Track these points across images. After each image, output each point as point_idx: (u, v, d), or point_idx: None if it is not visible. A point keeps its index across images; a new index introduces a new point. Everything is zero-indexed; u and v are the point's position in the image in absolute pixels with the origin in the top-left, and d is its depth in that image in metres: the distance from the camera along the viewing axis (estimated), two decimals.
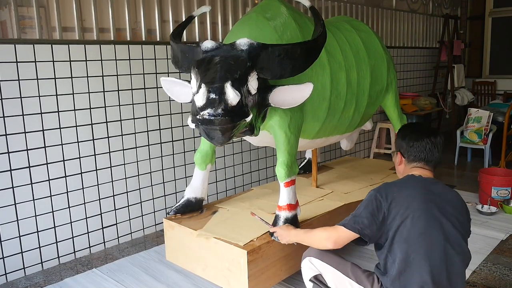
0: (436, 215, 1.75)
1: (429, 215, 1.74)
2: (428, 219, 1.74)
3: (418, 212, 1.74)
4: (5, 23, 2.69)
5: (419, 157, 1.92)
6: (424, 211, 1.74)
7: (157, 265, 2.89)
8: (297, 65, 2.15)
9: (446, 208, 1.79)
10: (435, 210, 1.76)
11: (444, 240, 1.73)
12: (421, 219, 1.73)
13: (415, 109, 5.61)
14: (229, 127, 1.91)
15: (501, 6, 7.05)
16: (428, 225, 1.73)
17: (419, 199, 1.77)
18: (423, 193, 1.80)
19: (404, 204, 1.76)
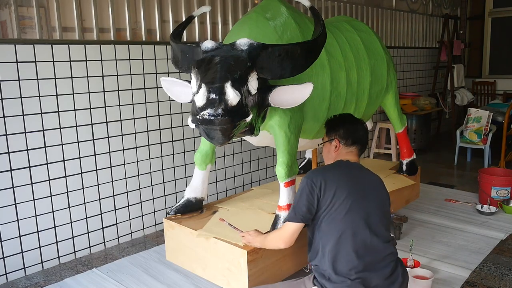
0: (360, 196, 1.94)
1: (354, 196, 1.92)
2: (354, 200, 1.91)
3: (345, 194, 1.91)
4: (5, 23, 2.69)
5: (357, 139, 2.13)
6: (350, 193, 1.92)
7: (157, 265, 2.89)
8: (297, 65, 2.15)
9: (369, 190, 1.99)
10: (360, 192, 1.95)
11: (365, 220, 1.91)
12: (347, 200, 1.90)
13: (415, 109, 5.61)
14: (229, 127, 1.91)
15: (500, 6, 7.05)
16: (353, 206, 1.90)
17: (345, 182, 1.95)
18: (349, 177, 1.99)
19: (333, 187, 1.92)
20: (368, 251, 1.89)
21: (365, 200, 1.95)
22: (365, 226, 1.90)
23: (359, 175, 2.04)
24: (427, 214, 3.62)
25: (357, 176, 2.02)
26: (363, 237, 1.89)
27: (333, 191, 1.91)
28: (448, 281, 2.58)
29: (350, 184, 1.95)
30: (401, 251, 2.90)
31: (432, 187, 4.36)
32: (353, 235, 1.88)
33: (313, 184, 1.93)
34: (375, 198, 2.00)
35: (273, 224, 2.39)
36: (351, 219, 1.89)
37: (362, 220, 1.91)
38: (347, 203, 1.90)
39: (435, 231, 3.28)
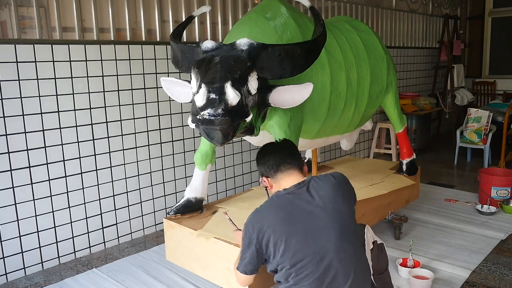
0: (306, 228, 1.72)
1: (298, 232, 1.72)
2: (301, 237, 1.71)
3: (285, 235, 1.71)
4: (5, 23, 2.69)
5: (276, 166, 1.91)
6: (293, 232, 1.72)
7: (157, 265, 2.89)
8: (297, 65, 2.15)
9: (317, 211, 1.76)
10: (304, 224, 1.73)
11: (322, 250, 1.71)
12: (291, 239, 1.71)
13: (415, 109, 5.61)
14: (229, 127, 1.91)
15: (500, 6, 7.05)
16: (302, 242, 1.71)
17: (284, 221, 1.74)
18: (288, 211, 1.76)
19: (271, 232, 1.73)
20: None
21: (317, 235, 1.72)
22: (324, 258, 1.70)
23: (299, 206, 1.77)
24: (427, 214, 3.62)
25: (298, 210, 1.76)
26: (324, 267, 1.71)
27: (272, 237, 1.72)
28: (448, 281, 2.58)
29: (289, 226, 1.72)
30: (401, 251, 2.91)
31: (432, 187, 4.36)
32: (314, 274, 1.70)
33: (251, 234, 1.77)
34: (330, 224, 1.75)
35: None
36: (303, 257, 1.70)
37: (317, 253, 1.70)
38: (291, 245, 1.70)
39: (435, 231, 3.28)
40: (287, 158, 1.93)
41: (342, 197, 1.83)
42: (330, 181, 1.86)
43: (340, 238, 1.74)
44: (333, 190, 1.82)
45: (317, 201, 1.78)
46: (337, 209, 1.79)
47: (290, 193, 1.82)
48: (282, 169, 1.91)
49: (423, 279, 2.47)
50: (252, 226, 1.78)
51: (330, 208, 1.77)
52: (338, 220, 1.77)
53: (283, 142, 2.05)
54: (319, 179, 1.86)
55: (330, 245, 1.72)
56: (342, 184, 1.89)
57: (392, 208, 3.29)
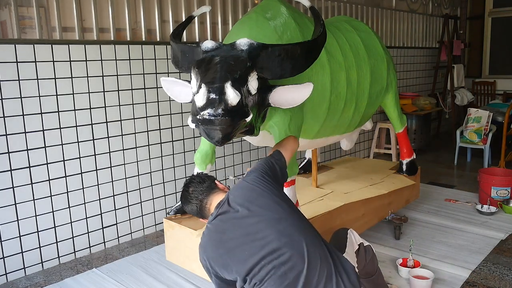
0: (244, 237, 1.75)
1: (239, 244, 1.75)
2: (243, 246, 1.74)
3: (228, 254, 1.76)
4: (5, 23, 2.69)
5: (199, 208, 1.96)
6: (234, 247, 1.75)
7: (157, 265, 2.89)
8: (297, 65, 2.15)
9: (245, 218, 1.79)
10: (240, 234, 1.76)
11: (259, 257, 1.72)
12: (235, 254, 1.74)
13: (415, 109, 5.61)
14: (229, 127, 1.91)
15: (500, 6, 7.05)
16: (247, 249, 1.73)
17: (222, 243, 1.78)
18: (222, 232, 1.80)
19: (217, 257, 1.79)
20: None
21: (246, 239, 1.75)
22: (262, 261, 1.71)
23: (228, 222, 1.81)
24: (427, 214, 3.62)
25: (229, 225, 1.80)
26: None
27: (225, 265, 1.77)
28: (448, 281, 2.58)
29: (233, 243, 1.76)
30: (401, 251, 2.91)
31: (432, 187, 4.36)
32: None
33: (207, 267, 1.85)
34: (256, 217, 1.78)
35: None
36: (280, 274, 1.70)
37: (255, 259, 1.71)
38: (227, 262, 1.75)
39: (435, 231, 3.28)
40: (197, 195, 1.98)
41: (260, 194, 1.85)
42: (244, 186, 1.91)
43: (277, 226, 1.76)
44: (249, 192, 1.87)
45: (240, 210, 1.81)
46: (261, 206, 1.81)
47: (216, 215, 1.86)
48: (202, 206, 1.96)
49: (423, 279, 2.47)
50: (203, 259, 1.85)
51: (255, 209, 1.80)
52: (267, 214, 1.80)
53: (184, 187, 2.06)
54: (234, 189, 1.91)
55: (272, 237, 1.73)
56: (255, 183, 1.90)
57: (392, 208, 3.29)
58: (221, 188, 2.02)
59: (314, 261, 1.73)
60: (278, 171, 2.00)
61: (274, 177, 1.96)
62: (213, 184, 2.02)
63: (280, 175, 2.01)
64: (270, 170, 1.96)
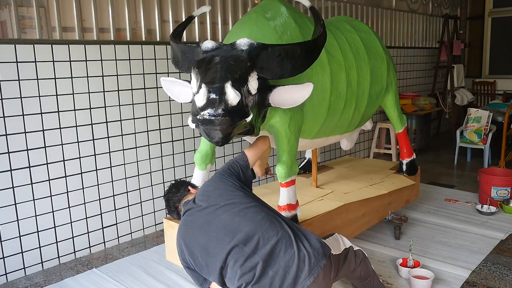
0: (211, 227, 1.89)
1: (205, 236, 1.89)
2: (210, 238, 1.87)
3: (195, 247, 1.91)
4: (5, 23, 2.69)
5: (174, 207, 2.18)
6: (200, 239, 1.90)
7: (157, 265, 2.89)
8: (297, 65, 2.15)
9: (209, 210, 1.95)
10: (206, 224, 1.91)
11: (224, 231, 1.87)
12: (201, 247, 1.89)
13: (415, 109, 5.61)
14: (229, 127, 1.91)
15: (500, 6, 7.05)
16: (214, 241, 1.86)
17: (189, 236, 1.94)
18: (188, 227, 1.97)
19: (186, 250, 1.95)
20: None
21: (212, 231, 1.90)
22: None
23: (193, 216, 1.99)
24: (427, 214, 3.62)
25: (194, 219, 1.98)
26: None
27: (193, 257, 1.93)
28: (448, 281, 2.58)
29: (199, 235, 1.92)
30: (401, 251, 2.91)
31: (432, 187, 4.36)
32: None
33: (181, 260, 2.01)
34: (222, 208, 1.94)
35: None
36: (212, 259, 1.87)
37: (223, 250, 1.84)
38: (199, 253, 1.90)
39: (435, 231, 3.28)
40: (174, 203, 2.18)
41: (216, 187, 2.03)
42: (205, 185, 2.11)
43: (231, 210, 1.91)
44: (208, 188, 2.06)
45: (202, 204, 1.98)
46: (217, 195, 1.98)
47: (184, 213, 2.05)
48: (178, 211, 2.16)
49: (423, 279, 2.47)
50: (179, 253, 2.00)
51: (213, 201, 1.97)
52: (222, 201, 1.95)
53: (164, 197, 2.27)
54: (202, 187, 2.12)
55: (227, 220, 1.88)
56: (213, 180, 2.09)
57: (392, 208, 3.29)
58: (193, 193, 2.17)
59: (271, 232, 1.84)
60: (239, 170, 2.13)
61: (235, 175, 2.10)
62: (186, 190, 2.21)
63: (243, 175, 2.13)
64: (229, 169, 2.11)
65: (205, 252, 1.87)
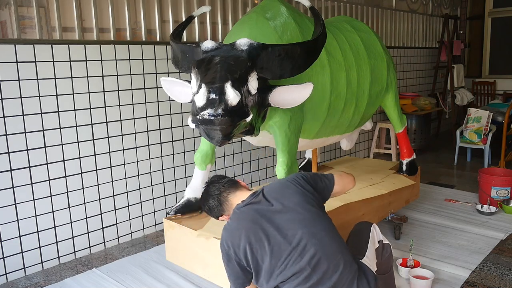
0: (275, 227, 1.78)
1: (269, 233, 1.77)
2: (273, 236, 1.77)
3: (258, 241, 1.77)
4: (5, 23, 2.69)
5: (218, 201, 1.97)
6: (264, 235, 1.77)
7: (157, 265, 2.89)
8: (297, 65, 2.15)
9: (278, 211, 1.81)
10: (272, 224, 1.79)
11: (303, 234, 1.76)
12: (264, 242, 1.76)
13: (415, 109, 5.61)
14: (229, 127, 1.91)
15: (500, 6, 7.05)
16: (275, 241, 1.76)
17: (253, 228, 1.79)
18: (253, 218, 1.82)
19: (245, 242, 1.78)
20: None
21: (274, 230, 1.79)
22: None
23: (262, 210, 1.83)
24: (427, 214, 3.62)
25: (262, 214, 1.82)
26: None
27: (254, 250, 1.78)
28: (448, 281, 2.58)
29: (264, 231, 1.78)
30: (401, 251, 2.91)
31: (432, 187, 4.36)
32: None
33: (228, 252, 1.84)
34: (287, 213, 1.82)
35: None
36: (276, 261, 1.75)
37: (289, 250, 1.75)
38: (263, 251, 1.77)
39: (435, 231, 3.28)
40: (219, 187, 1.99)
41: (295, 191, 1.87)
42: (280, 182, 1.96)
43: (309, 228, 1.78)
44: (284, 189, 1.89)
45: (274, 204, 1.84)
46: (295, 203, 1.83)
47: (249, 203, 1.87)
48: (224, 198, 1.97)
49: (423, 279, 2.47)
50: (226, 242, 1.85)
51: (289, 206, 1.83)
52: (299, 212, 1.82)
53: (205, 186, 2.07)
54: (269, 185, 1.96)
55: (302, 236, 1.76)
56: (291, 181, 1.92)
57: (392, 208, 3.29)
58: (244, 185, 2.03)
59: (339, 265, 1.75)
60: (320, 185, 1.97)
61: (314, 186, 1.94)
62: (236, 181, 2.05)
63: (321, 190, 1.97)
64: (312, 179, 1.95)
65: (273, 256, 1.76)
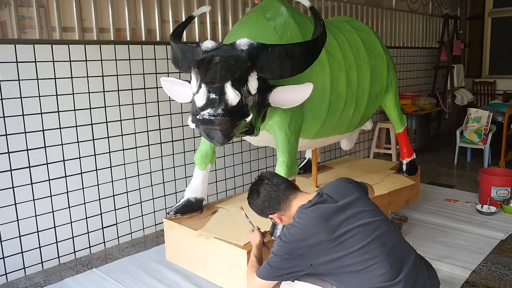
0: (348, 228, 1.78)
1: (344, 229, 1.77)
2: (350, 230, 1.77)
3: (332, 238, 1.75)
4: (5, 23, 2.69)
5: (274, 199, 1.93)
6: (334, 240, 1.75)
7: (157, 265, 2.89)
8: (297, 65, 2.15)
9: (352, 210, 1.83)
10: (344, 221, 1.79)
11: (375, 235, 1.79)
12: (341, 239, 1.75)
13: (415, 109, 5.61)
14: (229, 127, 1.91)
15: (500, 6, 7.05)
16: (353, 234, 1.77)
17: (326, 227, 1.77)
18: (323, 223, 1.78)
19: (316, 240, 1.76)
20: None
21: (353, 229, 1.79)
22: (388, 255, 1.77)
23: (330, 209, 1.82)
24: (427, 214, 3.62)
25: (332, 212, 1.81)
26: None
27: (324, 248, 1.75)
28: (448, 281, 2.58)
29: (330, 235, 1.76)
30: None
31: (432, 187, 4.36)
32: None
33: (293, 247, 1.78)
34: (360, 214, 1.85)
35: (273, 224, 2.39)
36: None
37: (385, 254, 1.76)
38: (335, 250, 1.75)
39: (435, 231, 3.28)
40: (280, 181, 1.97)
41: (355, 188, 1.94)
42: (337, 182, 1.98)
43: (378, 216, 1.88)
44: (344, 187, 1.93)
45: (340, 200, 1.85)
46: (358, 198, 1.89)
47: (317, 203, 1.83)
48: (284, 197, 1.93)
49: None
50: (294, 238, 1.78)
51: (353, 199, 1.87)
52: (365, 205, 1.89)
53: (271, 177, 2.02)
54: (327, 185, 1.97)
55: (374, 224, 1.82)
56: (347, 181, 2.00)
57: (392, 208, 3.29)
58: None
59: (410, 253, 1.85)
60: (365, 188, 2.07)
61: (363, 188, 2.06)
62: (295, 184, 2.06)
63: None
64: (356, 182, 2.04)
65: (347, 247, 1.76)
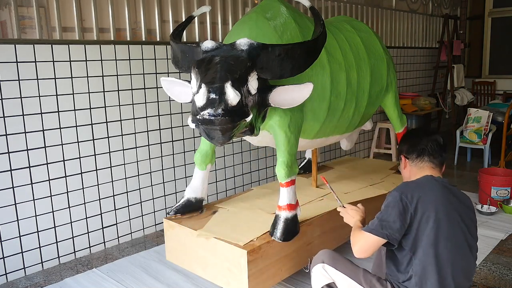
0: (457, 220, 1.80)
1: (451, 219, 1.78)
2: (452, 224, 1.78)
3: (442, 215, 1.76)
4: (5, 23, 2.69)
5: (422, 153, 1.94)
6: (447, 215, 1.78)
7: (157, 265, 2.89)
8: (297, 65, 2.15)
9: (464, 212, 1.85)
10: (456, 215, 1.81)
11: (467, 245, 1.81)
12: (445, 222, 1.76)
13: (415, 109, 5.61)
14: (229, 127, 1.91)
15: (500, 6, 7.05)
16: (452, 230, 1.77)
17: (442, 202, 1.79)
18: (444, 196, 1.82)
19: (429, 206, 1.77)
20: (463, 279, 1.82)
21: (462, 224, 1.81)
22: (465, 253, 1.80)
23: (452, 195, 1.86)
24: None
25: (450, 197, 1.84)
26: (461, 265, 1.80)
27: (428, 213, 1.75)
28: None
29: (446, 208, 1.79)
30: None
31: None
32: (452, 264, 1.77)
33: (407, 202, 1.76)
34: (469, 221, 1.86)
35: (273, 224, 2.39)
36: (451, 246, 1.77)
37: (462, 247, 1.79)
38: (444, 227, 1.76)
39: None
40: (435, 151, 1.95)
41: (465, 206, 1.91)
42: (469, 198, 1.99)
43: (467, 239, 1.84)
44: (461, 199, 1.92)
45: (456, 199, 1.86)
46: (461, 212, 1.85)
47: (443, 181, 1.90)
48: (424, 159, 1.95)
49: None
50: (411, 194, 1.79)
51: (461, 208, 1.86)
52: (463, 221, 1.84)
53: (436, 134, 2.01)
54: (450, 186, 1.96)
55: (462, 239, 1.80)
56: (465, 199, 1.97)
57: None
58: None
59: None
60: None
61: None
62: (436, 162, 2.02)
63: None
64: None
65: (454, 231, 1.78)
